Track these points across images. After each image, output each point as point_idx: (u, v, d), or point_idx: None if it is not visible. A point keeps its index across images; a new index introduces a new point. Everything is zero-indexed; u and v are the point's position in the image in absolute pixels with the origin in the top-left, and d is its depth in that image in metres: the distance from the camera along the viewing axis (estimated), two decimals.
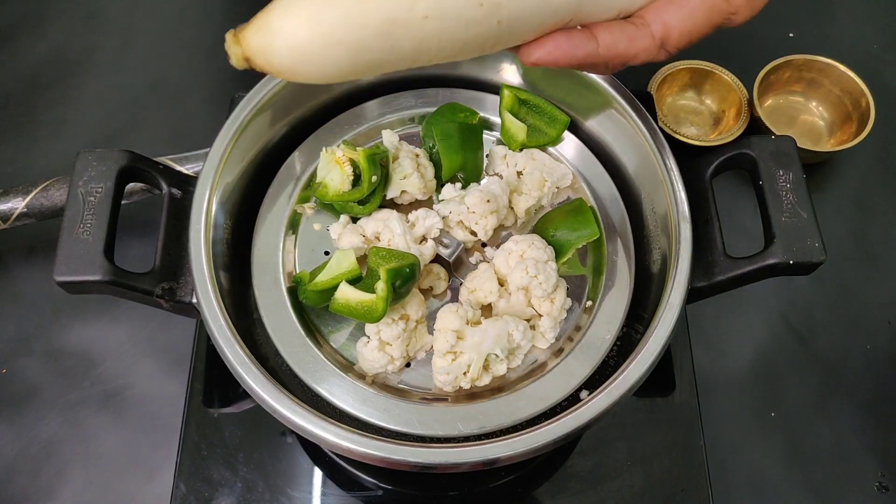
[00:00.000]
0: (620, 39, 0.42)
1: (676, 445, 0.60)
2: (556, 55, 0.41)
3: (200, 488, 0.58)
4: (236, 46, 0.37)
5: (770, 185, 0.54)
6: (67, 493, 0.62)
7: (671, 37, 0.43)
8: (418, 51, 0.37)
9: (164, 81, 0.83)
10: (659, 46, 0.43)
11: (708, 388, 0.66)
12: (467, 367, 0.50)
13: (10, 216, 0.65)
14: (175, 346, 0.67)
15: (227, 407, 0.61)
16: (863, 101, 0.75)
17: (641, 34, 0.42)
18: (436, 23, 0.36)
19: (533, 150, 0.60)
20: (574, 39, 0.41)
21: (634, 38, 0.42)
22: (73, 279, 0.49)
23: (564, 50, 0.41)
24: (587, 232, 0.55)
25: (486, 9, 0.37)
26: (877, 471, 0.64)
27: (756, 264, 0.52)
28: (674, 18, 0.42)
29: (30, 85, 0.82)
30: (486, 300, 0.53)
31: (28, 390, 0.66)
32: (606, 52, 0.42)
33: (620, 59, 0.43)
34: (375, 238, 0.55)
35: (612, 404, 0.46)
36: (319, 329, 0.54)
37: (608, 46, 0.42)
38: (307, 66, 0.36)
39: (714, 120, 0.80)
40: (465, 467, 0.45)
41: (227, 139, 0.55)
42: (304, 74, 0.37)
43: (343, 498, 0.59)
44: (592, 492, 0.59)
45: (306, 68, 0.36)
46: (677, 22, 0.42)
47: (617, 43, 0.42)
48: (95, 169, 0.52)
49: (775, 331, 0.70)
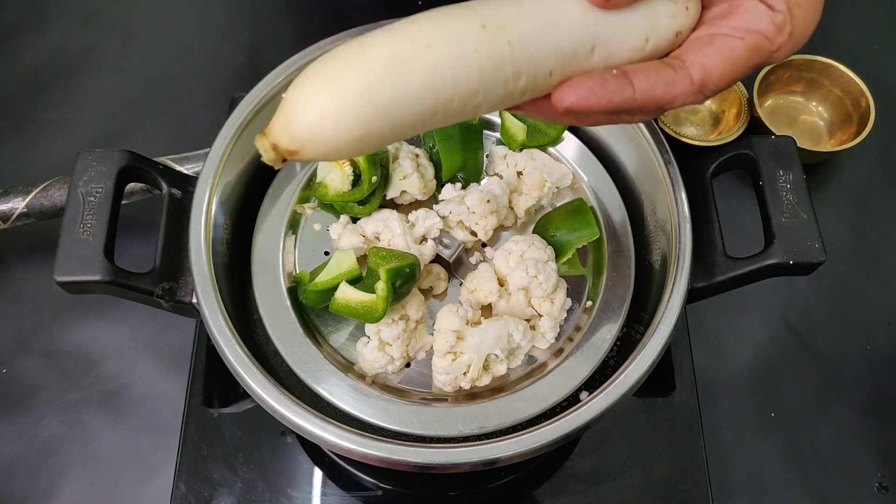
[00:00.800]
0: (658, 84, 0.39)
1: (676, 445, 0.60)
2: (591, 101, 0.38)
3: (200, 488, 0.58)
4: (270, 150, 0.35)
5: (770, 185, 0.54)
6: (67, 492, 0.62)
7: (710, 80, 0.40)
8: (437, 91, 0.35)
9: (164, 81, 0.83)
10: (697, 91, 0.40)
11: (708, 388, 0.65)
12: (467, 368, 0.50)
13: (10, 216, 0.65)
14: (175, 346, 0.67)
15: (227, 407, 0.61)
16: (863, 101, 0.75)
17: (680, 78, 0.39)
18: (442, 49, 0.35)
19: (533, 150, 0.60)
20: (609, 85, 0.38)
21: (673, 83, 0.39)
22: (73, 279, 0.49)
23: (599, 96, 0.38)
24: (587, 232, 0.55)
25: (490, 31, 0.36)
26: (877, 471, 0.64)
27: (756, 264, 0.52)
28: (713, 61, 0.39)
29: (30, 84, 0.82)
30: (486, 300, 0.53)
31: (28, 390, 0.66)
32: (643, 98, 0.39)
33: (657, 104, 0.40)
34: (375, 238, 0.55)
35: (612, 404, 0.46)
36: (319, 329, 0.54)
37: (644, 91, 0.39)
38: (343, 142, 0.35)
39: (714, 120, 0.80)
40: (465, 467, 0.45)
41: (227, 139, 0.55)
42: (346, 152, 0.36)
43: (343, 498, 0.59)
44: (592, 492, 0.59)
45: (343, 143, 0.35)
46: (716, 65, 0.39)
47: (654, 88, 0.39)
48: (95, 169, 0.52)
49: (775, 331, 0.70)
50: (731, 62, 0.40)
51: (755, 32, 0.40)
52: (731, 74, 0.40)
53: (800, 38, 0.41)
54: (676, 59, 0.40)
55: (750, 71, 0.41)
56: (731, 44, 0.40)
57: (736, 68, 0.40)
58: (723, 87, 0.41)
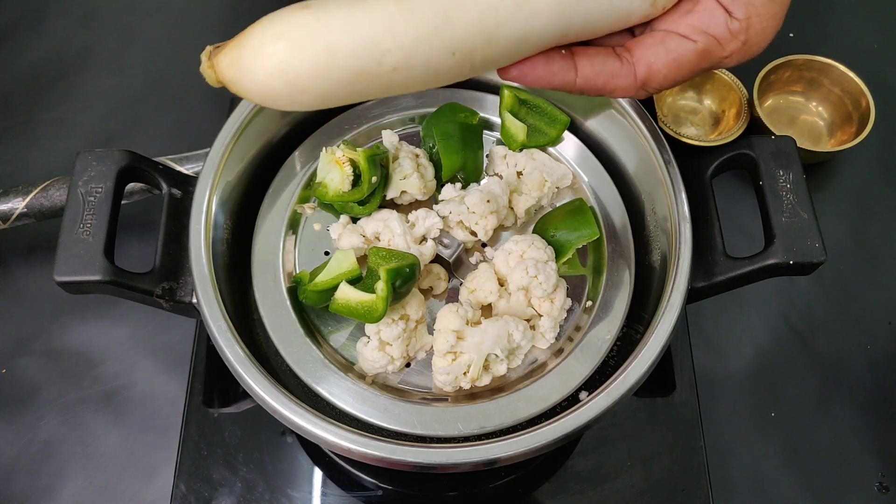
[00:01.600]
0: (601, 74, 0.40)
1: (676, 445, 0.60)
2: (530, 79, 0.40)
3: (200, 488, 0.58)
4: (210, 70, 0.37)
5: (770, 185, 0.54)
6: (67, 493, 0.62)
7: (654, 80, 0.41)
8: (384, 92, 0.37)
9: (164, 81, 0.83)
10: (639, 87, 0.41)
11: (708, 388, 0.66)
12: (467, 367, 0.50)
13: (10, 216, 0.65)
14: (175, 346, 0.67)
15: (227, 407, 0.61)
16: (863, 101, 0.75)
17: (624, 72, 0.41)
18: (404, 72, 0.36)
19: (533, 150, 0.60)
20: (553, 66, 0.40)
21: (615, 76, 0.41)
22: (73, 279, 0.49)
23: (539, 75, 0.40)
24: (587, 232, 0.55)
25: (457, 58, 0.36)
26: (877, 471, 0.64)
27: (756, 264, 0.52)
28: (660, 61, 0.40)
29: (30, 84, 0.82)
30: (486, 300, 0.53)
31: (28, 390, 0.66)
32: (584, 84, 0.40)
33: (597, 91, 0.41)
34: (375, 238, 0.55)
35: (612, 404, 0.46)
36: (319, 329, 0.54)
37: (586, 79, 0.40)
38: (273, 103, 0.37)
39: (714, 120, 0.80)
40: (465, 467, 0.45)
41: (227, 139, 0.55)
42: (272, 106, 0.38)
43: (343, 498, 0.59)
44: (592, 492, 0.59)
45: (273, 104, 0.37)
46: (663, 65, 0.40)
47: (596, 77, 0.40)
48: (95, 169, 0.52)
49: (775, 331, 0.70)
50: (678, 65, 0.40)
51: (708, 36, 0.40)
52: (676, 76, 0.41)
53: (754, 48, 0.41)
54: (626, 52, 0.41)
55: (696, 74, 0.41)
56: (682, 46, 0.40)
57: (682, 71, 0.41)
58: (666, 87, 0.42)
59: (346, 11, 0.35)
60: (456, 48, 0.36)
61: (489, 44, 0.37)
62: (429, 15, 0.35)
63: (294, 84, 0.35)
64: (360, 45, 0.35)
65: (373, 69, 0.35)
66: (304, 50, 0.35)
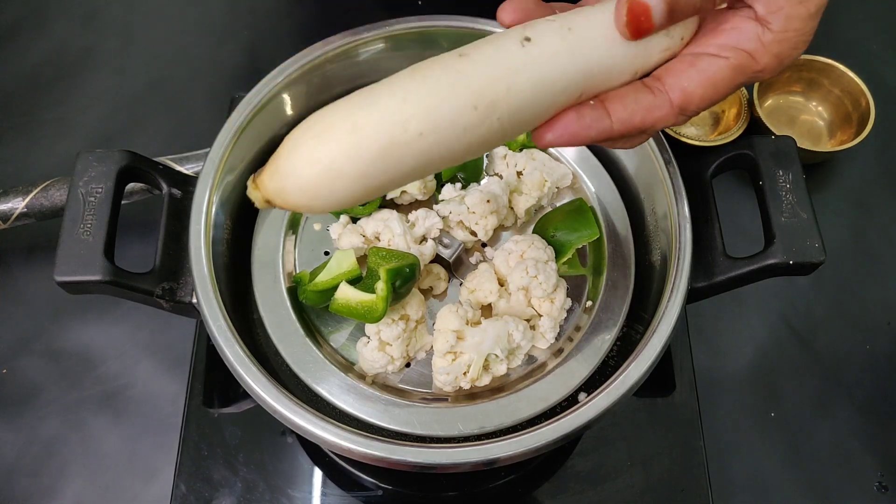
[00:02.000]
0: (636, 112, 0.38)
1: (676, 445, 0.60)
2: (566, 138, 0.38)
3: (200, 488, 0.58)
4: (256, 191, 0.38)
5: (770, 185, 0.54)
6: (68, 493, 0.62)
7: (691, 103, 0.39)
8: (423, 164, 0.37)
9: (164, 81, 0.83)
10: (678, 114, 0.39)
11: (708, 388, 0.65)
12: (467, 367, 0.50)
13: (10, 216, 0.65)
14: (175, 346, 0.67)
15: (227, 407, 0.61)
16: (863, 101, 0.75)
17: (659, 103, 0.39)
18: (433, 136, 0.36)
19: (533, 149, 0.60)
20: (585, 119, 0.38)
21: (651, 109, 0.39)
22: (73, 279, 0.49)
23: (574, 131, 0.38)
24: (587, 232, 0.55)
25: (481, 111, 0.36)
26: (877, 471, 0.64)
27: (756, 264, 0.52)
28: (693, 83, 0.38)
29: (30, 85, 0.82)
30: (486, 300, 0.53)
31: (28, 390, 0.66)
32: (621, 128, 0.38)
33: (637, 130, 0.39)
34: (375, 238, 0.55)
35: (612, 404, 0.46)
36: (319, 329, 0.54)
37: (622, 122, 0.38)
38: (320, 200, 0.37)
39: (714, 120, 0.80)
40: (465, 467, 0.45)
41: (227, 139, 0.55)
42: (320, 208, 0.37)
43: (343, 498, 0.59)
44: (592, 492, 0.59)
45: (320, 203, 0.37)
46: (697, 87, 0.38)
47: (632, 117, 0.38)
48: (95, 169, 0.52)
49: (775, 331, 0.70)
50: (714, 84, 0.39)
51: (741, 51, 0.39)
52: (714, 95, 0.39)
53: (786, 60, 0.40)
54: (657, 81, 0.39)
55: (733, 90, 0.40)
56: (714, 65, 0.39)
57: (718, 89, 0.39)
58: (704, 108, 0.40)
59: (367, 91, 0.36)
60: (477, 102, 0.36)
61: (511, 92, 0.36)
62: (440, 74, 0.36)
63: (331, 169, 0.35)
64: (381, 116, 0.35)
65: (400, 137, 0.35)
66: (332, 135, 0.35)
